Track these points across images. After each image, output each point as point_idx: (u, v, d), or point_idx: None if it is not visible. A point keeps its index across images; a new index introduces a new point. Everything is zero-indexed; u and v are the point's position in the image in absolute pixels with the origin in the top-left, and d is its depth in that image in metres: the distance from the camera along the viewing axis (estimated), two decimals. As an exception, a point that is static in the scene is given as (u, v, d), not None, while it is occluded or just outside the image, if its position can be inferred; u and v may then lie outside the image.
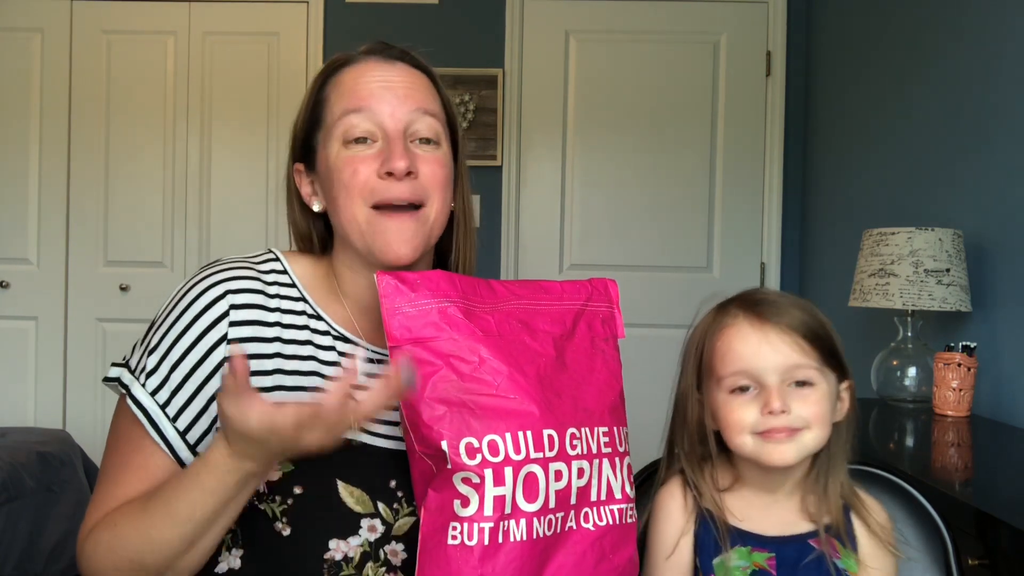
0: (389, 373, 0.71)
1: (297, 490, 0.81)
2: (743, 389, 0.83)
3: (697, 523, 0.86)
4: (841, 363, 0.85)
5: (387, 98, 0.87)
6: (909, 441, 1.68)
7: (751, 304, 0.85)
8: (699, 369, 0.88)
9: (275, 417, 0.69)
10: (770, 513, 0.87)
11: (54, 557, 2.31)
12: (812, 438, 0.82)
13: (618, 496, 0.81)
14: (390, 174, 0.85)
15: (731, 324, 0.85)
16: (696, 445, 0.88)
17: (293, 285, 0.91)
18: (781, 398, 0.80)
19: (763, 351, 0.81)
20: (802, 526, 0.86)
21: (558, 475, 0.75)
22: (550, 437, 0.75)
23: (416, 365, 0.75)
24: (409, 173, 0.86)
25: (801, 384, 0.82)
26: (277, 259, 0.92)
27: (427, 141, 0.89)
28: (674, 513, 0.87)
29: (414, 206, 0.87)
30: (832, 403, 0.84)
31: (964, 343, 1.77)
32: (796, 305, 0.84)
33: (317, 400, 0.69)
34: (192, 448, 0.84)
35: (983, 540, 1.08)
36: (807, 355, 0.81)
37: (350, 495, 0.82)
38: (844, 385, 0.86)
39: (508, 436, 0.73)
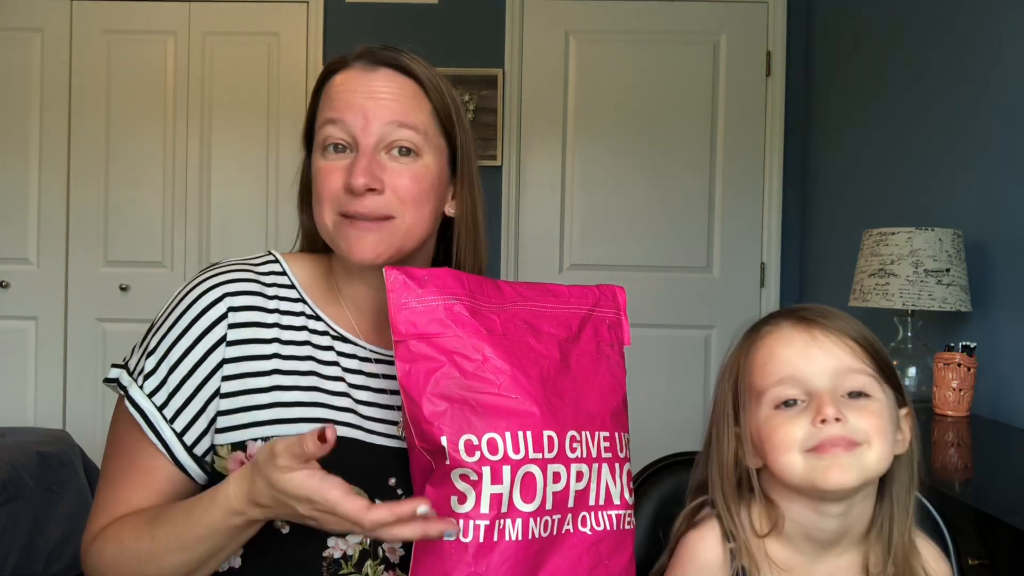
0: (432, 525, 0.68)
1: None
2: (788, 404, 0.71)
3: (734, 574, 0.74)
4: (898, 383, 0.73)
5: (364, 109, 0.86)
6: (909, 441, 1.68)
7: (793, 310, 0.75)
8: (735, 398, 0.76)
9: (319, 488, 0.69)
10: (815, 568, 0.74)
11: (54, 557, 2.31)
12: (875, 457, 0.68)
13: (616, 502, 0.81)
14: (351, 190, 0.85)
15: (772, 331, 0.74)
16: (733, 487, 0.76)
17: (292, 286, 0.91)
18: (834, 404, 0.68)
19: (811, 353, 0.70)
20: None
21: (556, 477, 0.75)
22: (550, 438, 0.75)
23: (422, 361, 0.75)
24: (372, 189, 0.85)
25: (856, 396, 0.70)
26: (276, 260, 0.93)
27: (406, 152, 0.88)
28: (709, 566, 0.75)
29: (382, 217, 0.86)
30: (894, 420, 0.71)
31: (964, 343, 1.77)
32: (845, 315, 0.74)
33: (364, 510, 0.68)
34: (189, 449, 0.84)
35: (983, 540, 1.08)
36: (860, 359, 0.70)
37: None
38: (904, 412, 0.74)
39: (508, 435, 0.74)
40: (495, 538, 0.72)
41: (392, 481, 0.84)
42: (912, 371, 1.93)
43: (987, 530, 1.07)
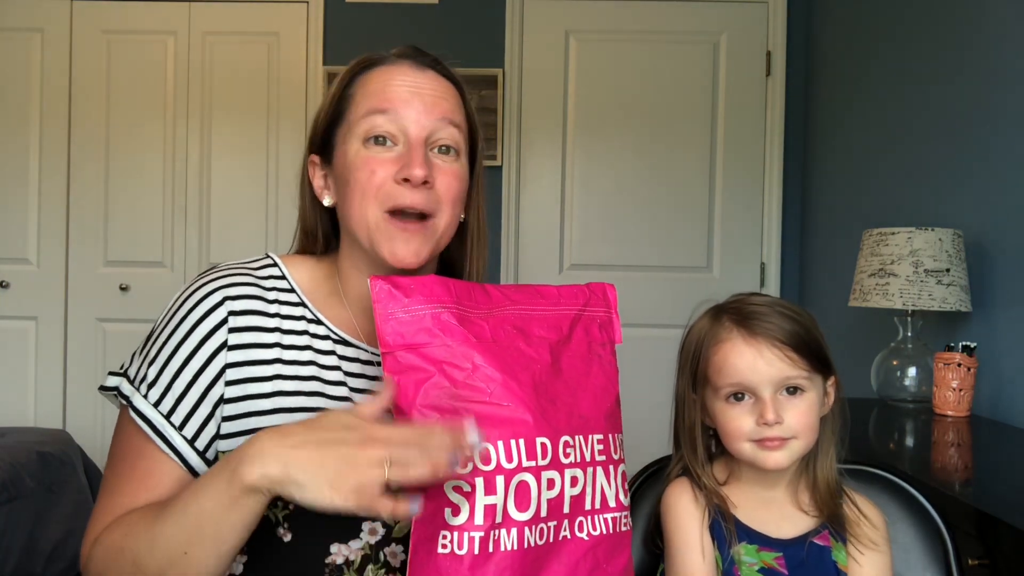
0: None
1: None
2: (739, 397, 0.89)
3: (710, 517, 0.90)
4: (828, 364, 0.90)
5: (414, 104, 0.87)
6: (909, 441, 1.68)
7: (744, 318, 0.89)
8: (695, 373, 0.92)
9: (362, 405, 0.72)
10: (771, 512, 0.91)
11: (54, 557, 2.31)
12: (800, 445, 0.88)
13: (612, 504, 0.80)
14: (407, 180, 0.85)
15: (726, 339, 0.89)
16: (696, 442, 0.93)
17: (291, 290, 0.90)
18: (775, 410, 0.86)
19: (758, 366, 0.87)
20: (803, 523, 0.90)
21: (551, 484, 0.75)
22: (543, 445, 0.74)
23: (411, 372, 0.74)
24: (425, 182, 0.85)
25: (792, 391, 0.88)
26: (275, 264, 0.92)
27: (447, 151, 0.89)
28: (689, 508, 0.91)
29: (423, 216, 0.87)
30: (819, 407, 0.90)
31: (964, 343, 1.77)
32: (784, 314, 0.89)
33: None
34: (202, 454, 0.83)
35: (983, 540, 1.08)
36: (797, 366, 0.87)
37: None
38: (830, 382, 0.91)
39: (500, 444, 0.73)
40: (490, 549, 0.71)
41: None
42: (912, 371, 1.93)
43: (987, 530, 1.07)
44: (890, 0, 2.53)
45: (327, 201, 0.93)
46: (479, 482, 0.71)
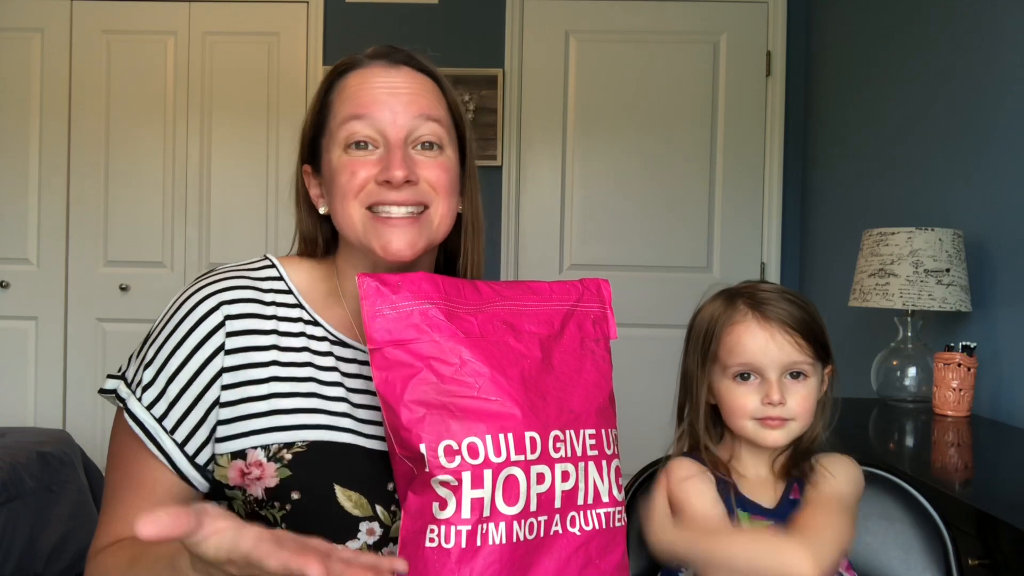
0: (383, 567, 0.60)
1: (295, 495, 0.81)
2: (745, 377, 0.92)
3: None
4: (828, 352, 0.96)
5: (390, 104, 0.87)
6: (909, 441, 1.68)
7: (758, 303, 0.93)
8: (705, 353, 0.96)
9: (236, 540, 0.58)
10: (760, 484, 0.95)
11: (54, 557, 2.31)
12: (798, 426, 0.93)
13: (605, 499, 0.80)
14: (388, 182, 0.84)
15: (740, 321, 0.93)
16: (705, 417, 0.97)
17: (289, 291, 0.90)
18: (780, 391, 0.91)
19: (769, 349, 0.91)
20: (780, 488, 0.95)
21: (540, 478, 0.75)
22: (532, 439, 0.75)
23: (399, 368, 0.74)
24: (408, 181, 0.85)
25: (796, 376, 0.92)
26: (273, 265, 0.92)
27: (429, 146, 0.88)
28: (702, 478, 0.94)
29: (417, 209, 0.86)
30: (818, 393, 0.95)
31: (964, 343, 1.78)
32: (792, 301, 0.94)
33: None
34: (191, 459, 0.83)
35: (983, 540, 1.08)
36: (804, 352, 0.91)
37: (348, 499, 0.82)
38: (827, 369, 0.97)
39: (488, 438, 0.73)
40: (478, 543, 0.71)
41: (391, 486, 0.84)
42: (912, 371, 1.93)
43: (987, 530, 1.07)
44: (890, 0, 2.53)
45: (323, 209, 0.93)
46: (466, 476, 0.71)
